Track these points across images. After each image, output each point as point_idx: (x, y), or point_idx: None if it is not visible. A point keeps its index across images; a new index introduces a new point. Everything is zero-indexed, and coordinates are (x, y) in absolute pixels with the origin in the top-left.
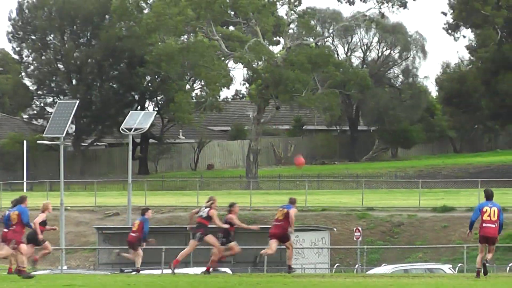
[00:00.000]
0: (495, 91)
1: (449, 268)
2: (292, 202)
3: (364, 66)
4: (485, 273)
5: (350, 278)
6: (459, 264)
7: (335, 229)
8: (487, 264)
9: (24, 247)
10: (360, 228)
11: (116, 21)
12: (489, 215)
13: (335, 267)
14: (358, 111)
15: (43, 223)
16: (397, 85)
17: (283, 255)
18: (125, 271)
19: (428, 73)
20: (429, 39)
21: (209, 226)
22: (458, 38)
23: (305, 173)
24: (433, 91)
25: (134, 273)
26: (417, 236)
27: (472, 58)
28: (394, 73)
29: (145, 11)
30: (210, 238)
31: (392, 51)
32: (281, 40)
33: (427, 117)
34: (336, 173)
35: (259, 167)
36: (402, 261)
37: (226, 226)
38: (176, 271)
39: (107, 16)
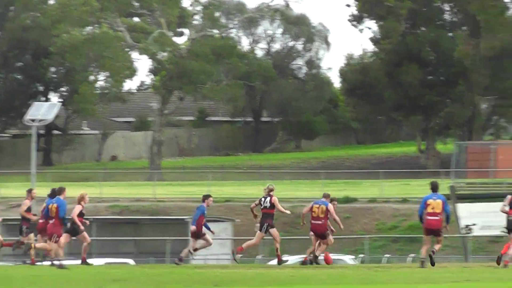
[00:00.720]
0: (399, 82)
1: (351, 259)
2: (326, 196)
3: (268, 57)
4: (432, 264)
5: (252, 269)
6: (361, 255)
7: (237, 220)
8: (433, 256)
9: (62, 240)
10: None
11: (21, 12)
12: (433, 208)
13: (239, 257)
14: (262, 102)
15: (80, 214)
16: (300, 76)
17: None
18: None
19: (331, 65)
20: (333, 30)
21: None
22: (362, 29)
23: (209, 164)
24: (337, 82)
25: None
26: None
27: (375, 49)
28: (298, 64)
29: (50, 2)
30: (274, 231)
31: (296, 43)
32: (186, 31)
33: (330, 109)
34: (240, 164)
35: (163, 158)
36: (304, 252)
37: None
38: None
39: (12, 7)
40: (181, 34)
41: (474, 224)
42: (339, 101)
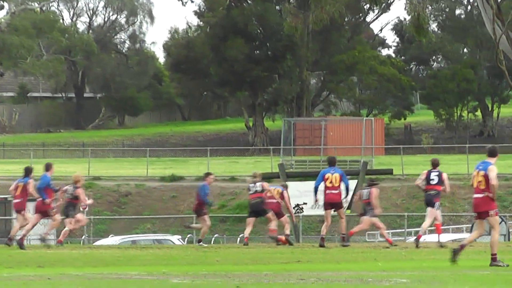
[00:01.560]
0: (224, 57)
1: (178, 239)
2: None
3: (90, 31)
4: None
5: (76, 249)
6: (189, 235)
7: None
8: (345, 237)
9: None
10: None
11: None
12: (331, 182)
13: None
14: (84, 78)
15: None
16: (124, 51)
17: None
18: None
19: (156, 39)
20: (157, 3)
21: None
22: (186, 2)
23: (30, 142)
24: (161, 57)
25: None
26: (145, 206)
27: (200, 23)
28: (121, 38)
29: None
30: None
31: (118, 16)
32: (5, 5)
33: (154, 84)
34: (62, 141)
35: None
36: (130, 232)
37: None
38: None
39: None
40: (1, 7)
41: (304, 203)
42: (163, 77)
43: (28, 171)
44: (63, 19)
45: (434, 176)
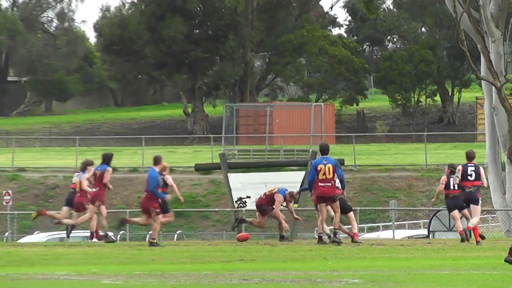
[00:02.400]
0: (161, 37)
1: (111, 236)
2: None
3: (14, 9)
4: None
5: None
6: (122, 232)
7: None
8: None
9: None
10: (10, 191)
11: None
12: (324, 174)
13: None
14: (7, 59)
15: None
16: (51, 30)
17: None
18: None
19: (86, 17)
20: None
21: None
22: None
23: None
24: (92, 37)
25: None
26: None
27: (135, 0)
28: (48, 17)
29: None
30: None
31: None
32: None
33: (85, 67)
34: None
35: None
36: (57, 229)
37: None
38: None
39: None
40: None
41: (248, 197)
42: (94, 58)
43: (107, 158)
44: None
45: (471, 171)
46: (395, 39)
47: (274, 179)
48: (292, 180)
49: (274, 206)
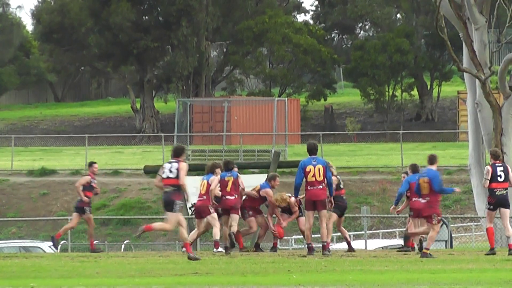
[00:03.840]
0: (106, 24)
1: (50, 247)
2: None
3: None
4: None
5: None
6: (62, 242)
7: None
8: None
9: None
10: None
11: None
12: (313, 175)
13: None
14: None
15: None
16: None
17: None
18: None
19: (22, 2)
20: None
21: None
22: None
23: None
24: (29, 24)
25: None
26: (9, 206)
27: None
28: None
29: None
30: None
31: None
32: None
33: (21, 57)
34: None
35: None
36: None
37: None
38: None
39: None
40: None
41: None
42: (32, 48)
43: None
44: None
45: (500, 171)
46: (367, 27)
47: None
48: (253, 184)
49: (266, 205)
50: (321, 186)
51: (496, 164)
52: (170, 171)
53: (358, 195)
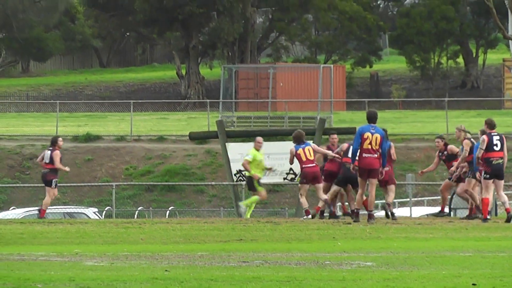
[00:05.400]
0: None
1: (95, 213)
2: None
3: None
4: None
5: None
6: (107, 208)
7: None
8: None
9: None
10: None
11: None
12: (370, 143)
13: None
14: None
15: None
16: None
17: None
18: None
19: None
20: None
21: None
22: None
23: None
24: None
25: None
26: None
27: None
28: None
29: None
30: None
31: None
32: None
33: (66, 23)
34: None
35: None
36: (35, 204)
37: None
38: None
39: None
40: None
41: None
42: (77, 13)
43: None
44: None
45: (496, 140)
46: None
47: (278, 150)
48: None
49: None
50: (377, 155)
51: (492, 134)
52: None
53: (403, 163)
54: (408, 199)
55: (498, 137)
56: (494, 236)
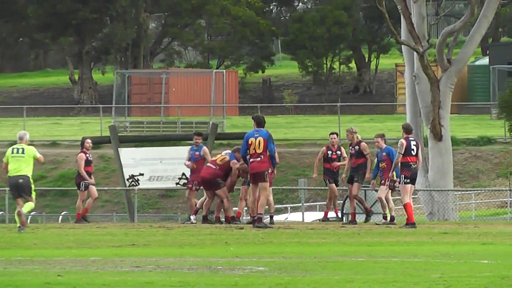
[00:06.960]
0: None
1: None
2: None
3: None
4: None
5: None
6: (0, 213)
7: None
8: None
9: None
10: None
11: None
12: (254, 148)
13: None
14: None
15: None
16: None
17: None
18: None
19: None
20: None
21: None
22: None
23: None
24: None
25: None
26: None
27: None
28: None
29: None
30: None
31: None
32: None
33: None
34: None
35: None
36: None
37: None
38: None
39: None
40: None
41: (141, 174)
42: None
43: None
44: None
45: (413, 145)
46: None
47: (170, 155)
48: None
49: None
50: (260, 158)
51: (410, 138)
52: None
53: (296, 168)
54: (301, 204)
55: (414, 142)
56: (387, 241)
